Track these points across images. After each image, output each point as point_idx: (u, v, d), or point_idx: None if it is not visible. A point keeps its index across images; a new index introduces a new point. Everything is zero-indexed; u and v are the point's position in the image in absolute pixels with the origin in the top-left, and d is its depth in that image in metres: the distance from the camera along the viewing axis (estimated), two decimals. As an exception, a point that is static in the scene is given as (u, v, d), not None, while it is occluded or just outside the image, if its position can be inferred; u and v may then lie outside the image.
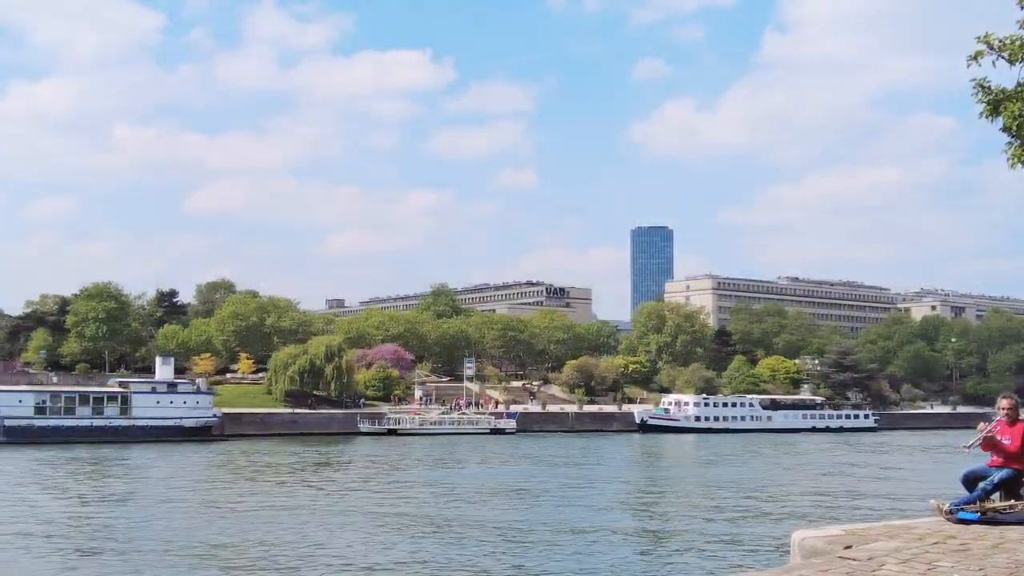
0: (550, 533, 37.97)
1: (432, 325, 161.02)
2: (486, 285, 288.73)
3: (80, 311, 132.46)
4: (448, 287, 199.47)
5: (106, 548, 35.39)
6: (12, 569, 31.81)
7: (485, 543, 35.58)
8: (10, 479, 59.96)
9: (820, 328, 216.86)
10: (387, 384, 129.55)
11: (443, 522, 40.78)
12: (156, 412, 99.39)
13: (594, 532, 38.48)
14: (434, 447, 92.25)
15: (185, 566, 31.80)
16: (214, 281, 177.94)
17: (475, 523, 40.49)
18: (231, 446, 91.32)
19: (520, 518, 42.51)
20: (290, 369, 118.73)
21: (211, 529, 39.24)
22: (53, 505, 48.14)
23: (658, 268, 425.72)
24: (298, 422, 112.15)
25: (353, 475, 64.66)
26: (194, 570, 31.31)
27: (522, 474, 65.64)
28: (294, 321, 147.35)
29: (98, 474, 64.47)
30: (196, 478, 62.24)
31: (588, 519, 42.19)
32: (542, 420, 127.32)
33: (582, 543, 35.87)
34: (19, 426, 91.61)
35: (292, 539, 36.77)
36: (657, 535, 39.37)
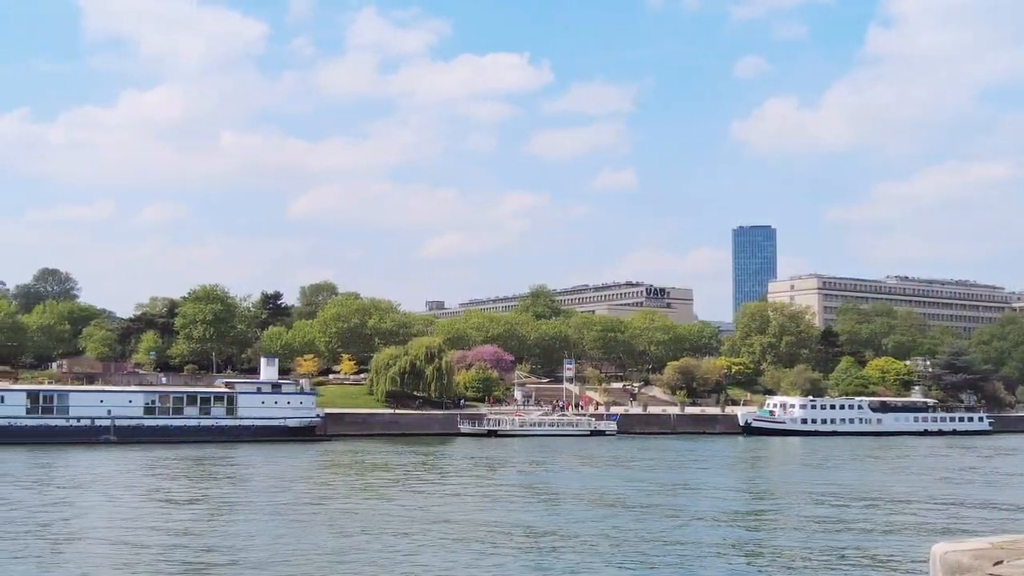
0: (655, 546, 36.00)
1: (531, 326, 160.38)
2: (585, 286, 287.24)
3: (188, 313, 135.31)
4: (547, 288, 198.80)
5: (218, 548, 35.51)
6: (133, 570, 32.02)
7: (585, 555, 34.18)
8: (130, 478, 61.14)
9: (931, 328, 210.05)
10: (487, 385, 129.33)
11: (543, 532, 39.39)
12: (261, 412, 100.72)
13: (703, 546, 36.09)
14: (534, 449, 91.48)
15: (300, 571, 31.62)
16: (317, 283, 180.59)
17: (575, 534, 38.65)
18: (334, 446, 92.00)
19: (623, 526, 41.17)
20: (391, 370, 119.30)
21: (322, 533, 39.03)
22: (171, 503, 48.83)
23: (760, 268, 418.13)
24: (399, 422, 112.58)
25: (455, 477, 64.26)
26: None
27: (624, 478, 64.39)
28: (395, 322, 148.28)
29: (208, 474, 65.33)
30: (305, 479, 62.54)
31: (695, 530, 39.94)
32: (643, 422, 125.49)
33: (691, 558, 33.53)
34: (129, 426, 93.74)
35: (390, 545, 36.35)
36: (775, 551, 36.24)
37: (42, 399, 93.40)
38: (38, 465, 68.21)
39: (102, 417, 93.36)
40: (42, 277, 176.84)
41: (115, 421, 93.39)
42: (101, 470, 65.90)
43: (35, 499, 49.87)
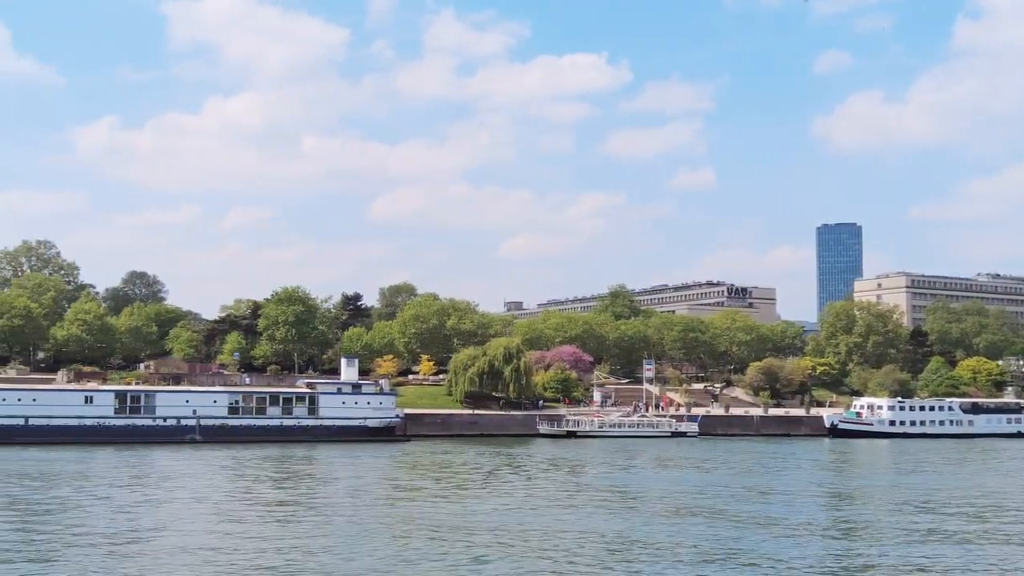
0: (743, 557, 34.31)
1: (610, 326, 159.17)
2: (664, 286, 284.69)
3: (271, 315, 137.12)
4: (626, 288, 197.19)
5: (301, 548, 35.52)
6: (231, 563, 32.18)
7: (667, 567, 33.16)
8: (216, 477, 61.92)
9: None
10: (565, 386, 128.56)
11: (624, 539, 38.47)
12: (342, 412, 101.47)
13: (795, 561, 34.04)
14: (614, 450, 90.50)
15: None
16: (396, 284, 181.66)
17: (658, 542, 37.62)
18: (413, 446, 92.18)
19: (708, 533, 40.14)
20: (469, 370, 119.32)
21: (403, 534, 38.86)
22: (258, 502, 49.20)
23: (846, 266, 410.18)
24: (478, 423, 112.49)
25: (536, 480, 63.69)
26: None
27: (708, 481, 63.21)
28: (473, 323, 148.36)
29: (292, 474, 65.79)
30: (387, 479, 62.66)
31: (786, 543, 37.64)
32: (725, 423, 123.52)
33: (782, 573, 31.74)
34: (214, 426, 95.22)
35: (470, 549, 35.96)
36: (880, 568, 33.70)
37: (130, 399, 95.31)
38: (127, 464, 69.47)
39: (187, 417, 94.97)
40: (130, 280, 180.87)
41: (200, 421, 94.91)
42: (188, 469, 66.95)
43: (126, 497, 50.71)
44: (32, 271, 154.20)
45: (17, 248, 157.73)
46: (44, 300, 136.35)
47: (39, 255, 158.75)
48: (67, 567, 31.76)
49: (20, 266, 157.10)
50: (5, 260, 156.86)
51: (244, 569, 32.15)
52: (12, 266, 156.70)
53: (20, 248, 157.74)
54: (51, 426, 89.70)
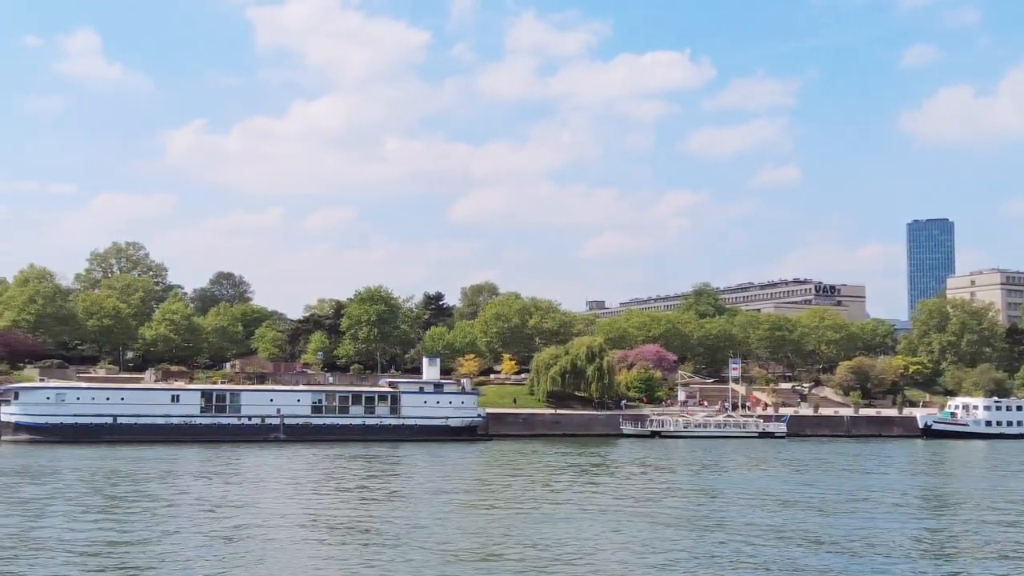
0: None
1: (695, 325, 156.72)
2: (750, 284, 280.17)
3: (353, 314, 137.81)
4: (710, 287, 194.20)
5: (388, 543, 34.97)
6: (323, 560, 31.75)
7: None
8: (303, 475, 61.85)
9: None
10: (649, 385, 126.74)
11: (714, 547, 36.98)
12: (424, 412, 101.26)
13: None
14: (701, 451, 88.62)
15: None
16: (478, 284, 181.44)
17: (749, 551, 36.10)
18: (496, 446, 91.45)
19: (807, 538, 38.43)
20: (552, 369, 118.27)
21: (492, 536, 37.99)
22: (347, 500, 48.83)
23: (938, 263, 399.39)
24: (561, 423, 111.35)
25: (622, 481, 62.35)
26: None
27: (801, 483, 61.14)
28: (555, 322, 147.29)
29: (377, 472, 65.43)
30: (471, 478, 61.92)
31: (889, 563, 34.79)
32: (814, 424, 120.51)
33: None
34: (298, 424, 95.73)
35: (560, 554, 34.90)
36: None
37: (215, 398, 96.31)
38: (217, 462, 69.86)
39: (272, 416, 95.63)
40: (217, 281, 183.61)
41: (284, 420, 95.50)
42: (277, 467, 67.13)
43: (221, 494, 50.96)
44: (121, 272, 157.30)
45: (107, 250, 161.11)
46: (133, 301, 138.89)
47: (128, 256, 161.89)
48: (171, 565, 31.79)
49: (110, 267, 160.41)
50: (95, 262, 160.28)
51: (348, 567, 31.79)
52: (102, 267, 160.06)
53: (110, 250, 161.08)
54: (138, 425, 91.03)
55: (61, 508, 44.56)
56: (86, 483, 55.00)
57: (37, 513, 42.75)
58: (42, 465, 64.88)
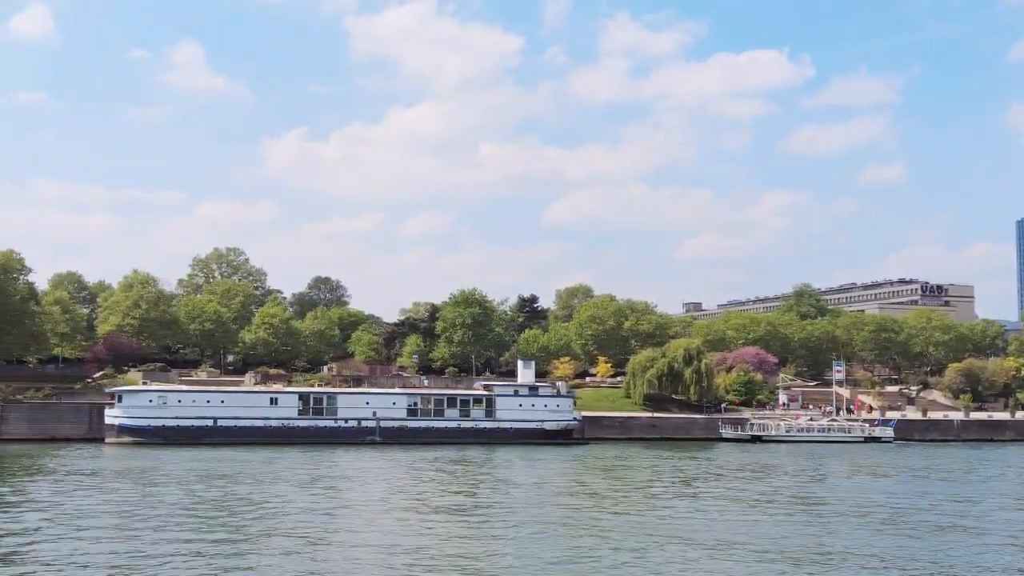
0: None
1: (796, 327, 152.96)
2: (852, 284, 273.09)
3: (448, 317, 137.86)
4: (811, 287, 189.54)
5: (484, 553, 34.18)
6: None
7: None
8: (401, 477, 61.53)
9: None
10: (749, 388, 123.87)
11: (820, 558, 35.21)
12: (519, 415, 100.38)
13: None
14: (804, 456, 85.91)
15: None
16: (572, 286, 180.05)
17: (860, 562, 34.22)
18: (592, 450, 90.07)
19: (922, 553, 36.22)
20: (648, 372, 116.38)
21: (589, 541, 36.91)
22: (445, 503, 48.25)
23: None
24: (658, 426, 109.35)
25: (723, 486, 60.47)
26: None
27: (914, 490, 58.53)
28: (651, 324, 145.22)
29: (475, 475, 64.73)
30: (571, 482, 60.87)
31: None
32: (922, 428, 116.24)
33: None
34: (393, 427, 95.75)
35: (659, 560, 33.54)
36: None
37: (313, 401, 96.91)
38: (318, 464, 70.04)
39: (368, 419, 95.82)
40: (315, 285, 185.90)
41: (380, 423, 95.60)
42: (373, 468, 67.06)
43: (323, 496, 51.01)
44: (222, 277, 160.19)
45: (208, 255, 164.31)
46: (233, 305, 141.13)
47: (229, 262, 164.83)
48: (279, 565, 31.93)
49: (211, 272, 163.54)
50: (197, 267, 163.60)
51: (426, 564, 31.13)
52: (204, 273, 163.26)
53: (211, 255, 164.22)
54: (238, 427, 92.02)
55: (168, 508, 45.02)
56: (191, 484, 55.48)
57: (146, 514, 43.12)
58: (146, 466, 65.78)
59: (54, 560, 31.85)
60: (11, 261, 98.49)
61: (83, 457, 73.42)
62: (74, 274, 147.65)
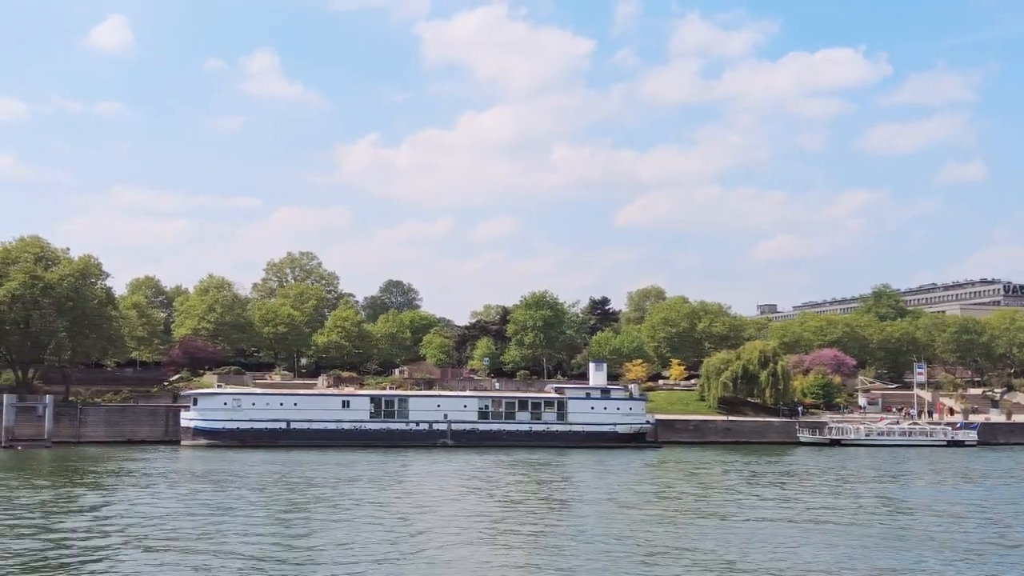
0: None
1: (874, 328, 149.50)
2: (933, 285, 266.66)
3: (519, 320, 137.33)
4: (890, 288, 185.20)
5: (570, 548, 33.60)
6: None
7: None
8: (474, 480, 61.10)
9: None
10: (827, 391, 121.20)
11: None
12: (591, 418, 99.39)
13: None
14: (885, 460, 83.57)
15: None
16: (644, 288, 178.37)
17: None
18: (667, 453, 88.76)
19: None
20: (723, 375, 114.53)
21: (666, 547, 36.00)
22: (523, 507, 47.68)
23: None
24: (733, 430, 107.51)
25: (803, 492, 58.91)
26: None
27: (999, 498, 56.35)
28: (725, 326, 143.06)
29: (553, 479, 64.01)
30: (648, 486, 59.93)
31: None
32: (1008, 431, 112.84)
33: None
34: (464, 430, 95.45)
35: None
36: None
37: (384, 404, 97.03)
38: (393, 466, 69.91)
39: (439, 421, 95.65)
40: (387, 289, 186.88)
41: (451, 426, 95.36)
42: (446, 471, 66.75)
43: (391, 498, 50.85)
44: (296, 281, 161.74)
45: (282, 260, 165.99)
46: (306, 308, 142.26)
47: (302, 266, 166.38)
48: (351, 566, 31.82)
49: (285, 277, 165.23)
50: (271, 271, 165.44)
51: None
52: (278, 277, 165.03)
53: (285, 260, 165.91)
54: (311, 429, 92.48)
55: (244, 510, 45.23)
56: (270, 487, 55.68)
57: (222, 516, 43.29)
58: (223, 468, 66.26)
59: (144, 563, 31.88)
60: (90, 266, 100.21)
61: (160, 459, 74.29)
62: (152, 279, 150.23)
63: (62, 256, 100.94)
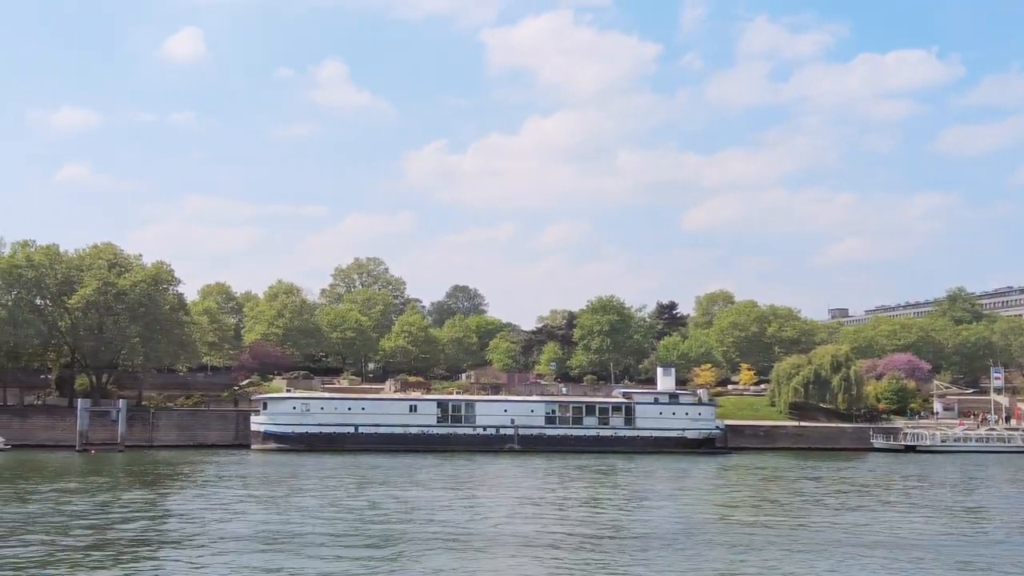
0: None
1: (950, 332, 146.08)
2: (1009, 288, 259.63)
3: (586, 325, 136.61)
4: (965, 291, 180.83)
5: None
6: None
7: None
8: (542, 485, 60.67)
9: None
10: (901, 396, 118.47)
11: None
12: (659, 423, 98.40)
13: None
14: (963, 467, 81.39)
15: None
16: (712, 292, 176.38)
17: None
18: (737, 459, 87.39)
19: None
20: (793, 380, 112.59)
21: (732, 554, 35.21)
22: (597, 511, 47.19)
23: None
24: (804, 435, 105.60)
25: (879, 501, 57.46)
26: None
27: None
28: (796, 330, 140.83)
29: (620, 483, 63.30)
30: (722, 492, 59.00)
31: None
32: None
33: None
34: (531, 435, 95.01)
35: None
36: None
37: (451, 408, 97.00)
38: (456, 470, 69.72)
39: (506, 426, 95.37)
40: (453, 294, 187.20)
41: (518, 430, 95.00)
42: (514, 475, 66.40)
43: (459, 501, 50.82)
44: (363, 287, 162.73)
45: (349, 266, 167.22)
46: (373, 314, 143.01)
47: (369, 272, 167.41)
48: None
49: (352, 282, 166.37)
50: (339, 277, 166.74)
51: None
52: (345, 283, 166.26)
53: (352, 266, 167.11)
54: (378, 434, 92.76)
55: (315, 510, 45.46)
56: (343, 490, 55.85)
57: (295, 516, 43.48)
58: (294, 472, 66.60)
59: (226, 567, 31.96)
60: (162, 272, 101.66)
61: (231, 463, 74.90)
62: (222, 285, 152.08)
63: (135, 263, 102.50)
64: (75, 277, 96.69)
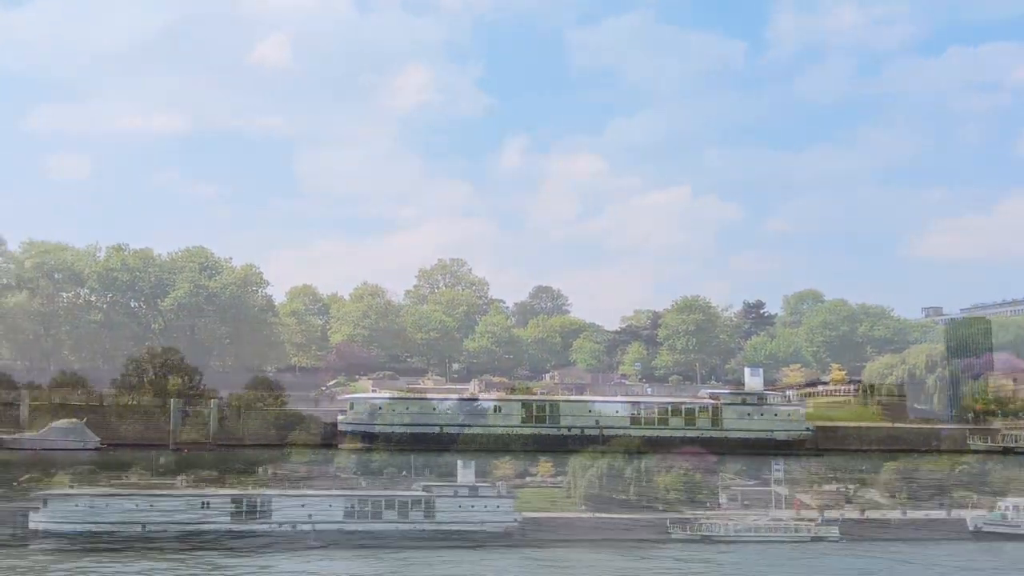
0: None
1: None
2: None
3: (671, 324, 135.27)
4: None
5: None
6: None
7: None
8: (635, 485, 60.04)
9: None
10: (999, 399, 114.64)
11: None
12: (746, 424, 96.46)
13: None
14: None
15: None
16: (800, 291, 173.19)
17: None
18: (826, 461, 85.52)
19: None
20: (887, 380, 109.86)
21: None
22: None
23: None
24: (898, 437, 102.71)
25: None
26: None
27: None
28: (888, 329, 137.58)
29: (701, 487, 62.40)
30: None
31: None
32: None
33: None
34: (616, 435, 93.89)
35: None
36: None
37: (535, 409, 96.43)
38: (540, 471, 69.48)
39: (591, 427, 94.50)
40: (536, 294, 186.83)
41: (603, 431, 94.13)
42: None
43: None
44: (446, 288, 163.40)
45: (433, 267, 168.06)
46: (457, 314, 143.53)
47: (452, 273, 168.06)
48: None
49: (436, 284, 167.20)
50: (423, 279, 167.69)
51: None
52: (429, 284, 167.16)
53: (436, 267, 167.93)
54: (463, 434, 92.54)
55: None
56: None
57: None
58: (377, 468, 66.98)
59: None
60: (251, 275, 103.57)
61: (322, 460, 75.49)
62: (309, 287, 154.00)
63: (224, 265, 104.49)
64: (168, 280, 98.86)
